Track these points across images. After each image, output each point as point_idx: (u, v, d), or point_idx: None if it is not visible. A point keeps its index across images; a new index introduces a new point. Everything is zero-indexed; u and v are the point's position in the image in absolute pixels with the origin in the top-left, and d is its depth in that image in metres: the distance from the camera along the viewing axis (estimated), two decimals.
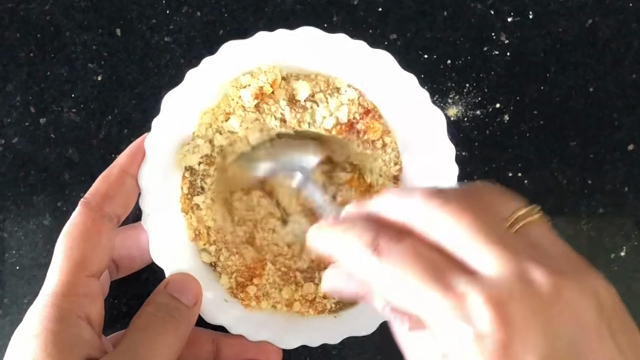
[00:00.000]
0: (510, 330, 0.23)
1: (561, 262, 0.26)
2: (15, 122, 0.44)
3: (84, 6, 0.44)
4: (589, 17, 0.44)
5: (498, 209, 0.27)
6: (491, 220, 0.26)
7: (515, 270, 0.24)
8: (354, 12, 0.44)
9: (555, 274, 0.24)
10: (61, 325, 0.31)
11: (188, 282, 0.35)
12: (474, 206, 0.26)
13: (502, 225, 0.26)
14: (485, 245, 0.25)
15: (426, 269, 0.25)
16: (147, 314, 0.33)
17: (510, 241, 0.25)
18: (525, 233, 0.26)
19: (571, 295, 0.24)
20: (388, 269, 0.25)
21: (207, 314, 0.37)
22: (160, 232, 0.36)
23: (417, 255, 0.25)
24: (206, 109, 0.38)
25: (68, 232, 0.34)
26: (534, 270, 0.24)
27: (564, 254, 0.26)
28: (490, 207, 0.27)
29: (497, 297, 0.24)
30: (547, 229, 0.27)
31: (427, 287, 0.24)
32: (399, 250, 0.25)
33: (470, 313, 0.24)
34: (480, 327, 0.23)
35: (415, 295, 0.25)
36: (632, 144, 0.44)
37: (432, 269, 0.25)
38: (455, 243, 0.25)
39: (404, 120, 0.39)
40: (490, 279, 0.24)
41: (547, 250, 0.26)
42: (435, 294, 0.24)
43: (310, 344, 0.37)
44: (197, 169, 0.38)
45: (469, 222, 0.25)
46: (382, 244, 0.26)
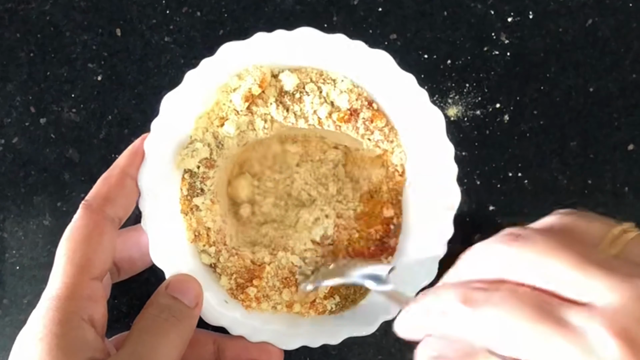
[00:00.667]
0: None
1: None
2: (15, 122, 0.44)
3: (84, 6, 0.44)
4: (589, 17, 0.44)
5: (588, 235, 0.25)
6: (586, 249, 0.24)
7: (631, 293, 0.23)
8: (354, 12, 0.44)
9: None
10: (65, 328, 0.31)
11: (189, 282, 0.35)
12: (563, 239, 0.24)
13: (598, 251, 0.25)
14: (589, 275, 0.23)
15: (533, 307, 0.23)
16: (149, 315, 0.33)
17: (614, 265, 0.24)
18: (626, 254, 0.25)
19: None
20: (490, 317, 0.24)
21: (208, 315, 0.37)
22: (160, 234, 0.36)
23: (519, 297, 0.23)
24: (201, 113, 0.38)
25: (70, 235, 0.34)
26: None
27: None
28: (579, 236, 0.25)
29: (620, 324, 0.22)
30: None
31: (540, 326, 0.23)
32: (498, 295, 0.24)
33: (594, 346, 0.22)
34: (607, 357, 0.22)
35: (527, 338, 0.23)
36: (632, 144, 0.44)
37: (541, 308, 0.23)
38: (556, 280, 0.24)
39: (403, 120, 0.39)
40: (606, 308, 0.23)
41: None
42: (551, 331, 0.23)
43: (310, 344, 0.37)
44: (196, 171, 0.38)
45: (564, 256, 0.24)
46: (475, 295, 0.24)
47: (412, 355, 0.42)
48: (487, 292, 0.24)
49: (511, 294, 0.24)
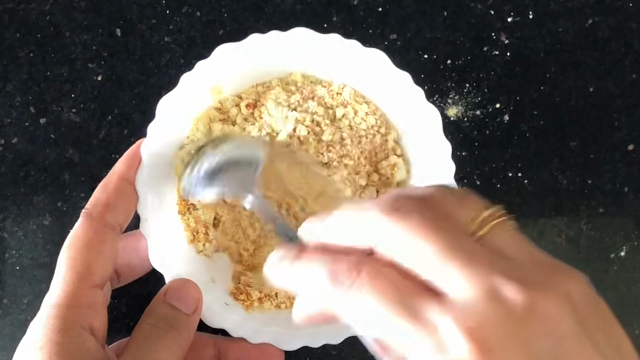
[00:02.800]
0: (489, 357, 0.22)
1: (531, 269, 0.24)
2: (15, 122, 0.44)
3: (84, 6, 0.44)
4: (589, 17, 0.44)
5: (458, 215, 0.25)
6: (455, 232, 0.24)
7: (486, 290, 0.23)
8: (354, 12, 0.44)
9: (526, 286, 0.23)
10: (65, 337, 0.31)
11: (187, 288, 0.35)
12: (434, 218, 0.24)
13: (466, 235, 0.25)
14: (452, 263, 0.23)
15: (392, 298, 0.24)
16: (147, 325, 0.33)
17: (477, 255, 0.24)
18: (491, 239, 0.25)
19: (545, 306, 0.23)
20: (354, 304, 0.24)
21: (208, 318, 0.37)
22: (159, 238, 0.36)
23: (381, 283, 0.24)
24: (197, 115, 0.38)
25: (71, 243, 0.34)
26: (504, 287, 0.23)
27: (532, 258, 0.25)
28: (451, 216, 0.25)
29: (471, 323, 0.22)
30: (512, 232, 0.26)
31: (397, 318, 0.23)
32: (361, 279, 0.24)
33: (445, 342, 0.23)
34: (457, 357, 0.22)
35: (386, 327, 0.24)
36: (632, 144, 0.44)
37: (399, 298, 0.24)
38: (420, 263, 0.24)
39: (400, 118, 0.39)
40: (461, 303, 0.23)
41: (515, 257, 0.25)
42: (406, 324, 0.23)
43: (311, 344, 0.37)
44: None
45: (432, 238, 0.24)
46: (342, 274, 0.25)
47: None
48: (352, 275, 0.24)
49: (374, 279, 0.24)
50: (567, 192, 0.44)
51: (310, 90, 0.39)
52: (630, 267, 0.44)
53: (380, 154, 0.39)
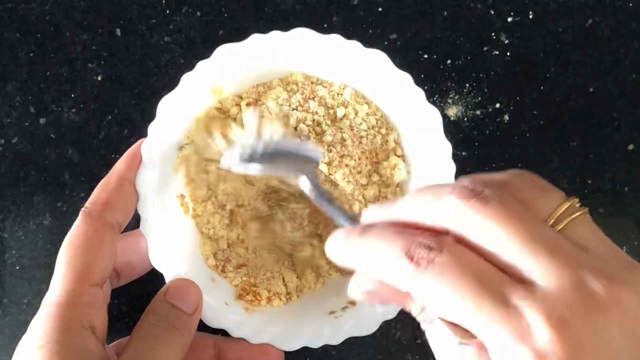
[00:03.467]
0: (574, 350, 0.22)
1: (612, 264, 0.24)
2: (15, 122, 0.44)
3: (84, 6, 0.44)
4: (589, 17, 0.44)
5: (539, 206, 0.25)
6: (537, 223, 0.24)
7: (573, 281, 0.23)
8: (354, 12, 0.44)
9: (611, 281, 0.23)
10: (65, 336, 0.31)
11: (187, 288, 0.35)
12: (515, 207, 0.24)
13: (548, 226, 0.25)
14: (537, 253, 0.23)
15: (476, 280, 0.23)
16: (147, 324, 0.33)
17: (561, 247, 0.24)
18: (571, 232, 0.25)
19: (629, 302, 0.23)
20: (433, 283, 0.23)
21: (208, 318, 0.37)
22: (159, 237, 0.36)
23: (464, 265, 0.23)
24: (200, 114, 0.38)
25: (70, 242, 0.34)
26: (590, 279, 0.23)
27: (613, 254, 0.25)
28: (531, 205, 0.25)
29: (557, 313, 0.22)
30: (591, 224, 0.26)
31: (481, 302, 0.23)
32: (443, 259, 0.23)
33: (529, 330, 0.22)
34: (541, 347, 0.22)
35: (466, 310, 0.23)
36: (632, 144, 0.44)
37: (483, 281, 0.23)
38: (502, 251, 0.24)
39: (400, 118, 0.39)
40: (546, 292, 0.23)
41: (597, 252, 0.25)
42: (491, 310, 0.23)
43: (311, 345, 0.37)
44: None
45: (516, 228, 0.23)
46: (420, 252, 0.24)
47: (411, 355, 0.43)
48: (432, 252, 0.24)
49: (456, 259, 0.23)
50: (567, 192, 0.44)
51: (311, 91, 0.39)
52: None
53: (380, 155, 0.39)
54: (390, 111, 0.39)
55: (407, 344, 0.43)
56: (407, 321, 0.42)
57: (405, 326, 0.43)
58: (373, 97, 0.39)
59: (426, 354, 0.43)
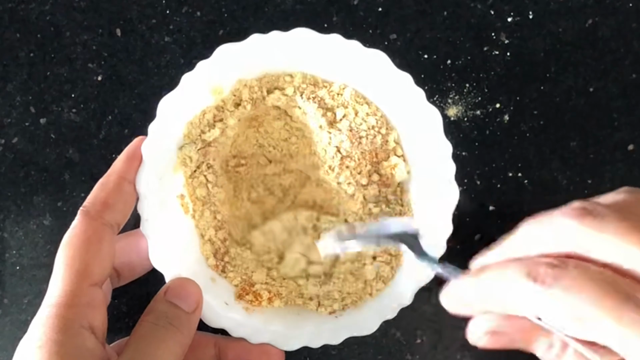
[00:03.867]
0: None
1: None
2: (15, 122, 0.44)
3: (84, 6, 0.44)
4: (589, 17, 0.44)
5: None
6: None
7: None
8: (354, 12, 0.44)
9: None
10: (65, 336, 0.31)
11: (187, 287, 0.35)
12: (633, 218, 0.23)
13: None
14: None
15: (608, 288, 0.22)
16: (147, 323, 0.33)
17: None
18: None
19: None
20: (563, 296, 0.22)
21: (208, 318, 0.37)
22: (159, 237, 0.36)
23: (593, 276, 0.22)
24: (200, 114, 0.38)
25: (69, 242, 0.33)
26: None
27: None
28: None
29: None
30: None
31: (620, 310, 0.22)
32: (570, 273, 0.22)
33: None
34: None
35: (602, 321, 0.22)
36: (632, 144, 0.44)
37: (616, 289, 0.22)
38: (629, 262, 0.23)
39: (400, 119, 0.39)
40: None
41: None
42: (631, 317, 0.21)
43: (311, 345, 0.37)
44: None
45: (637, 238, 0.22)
46: (545, 272, 0.23)
47: (411, 355, 0.43)
48: (557, 269, 0.23)
49: (584, 272, 0.22)
50: (567, 192, 0.44)
51: (311, 91, 0.39)
52: None
53: (380, 155, 0.39)
54: (390, 111, 0.39)
55: (407, 344, 0.43)
56: (407, 321, 0.43)
57: (405, 326, 0.43)
58: (373, 97, 0.39)
59: (426, 354, 0.43)
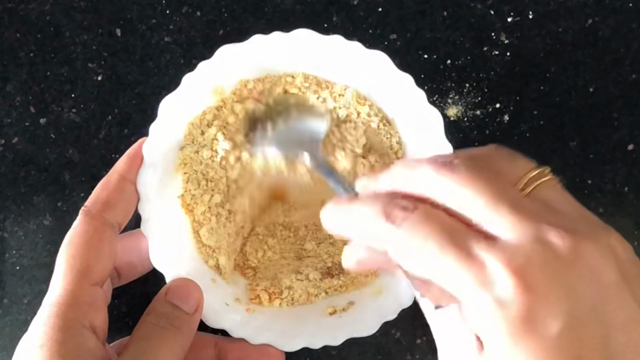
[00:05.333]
0: (532, 296, 0.23)
1: (577, 222, 0.25)
2: (15, 122, 0.44)
3: (84, 6, 0.44)
4: (589, 17, 0.44)
5: (508, 172, 0.27)
6: (503, 185, 0.26)
7: (533, 234, 0.24)
8: (354, 12, 0.44)
9: (572, 234, 0.24)
10: (66, 335, 0.31)
11: (188, 288, 0.35)
12: (484, 172, 0.26)
13: (515, 189, 0.26)
14: (500, 210, 0.24)
15: (443, 234, 0.24)
16: (148, 324, 0.33)
17: (524, 205, 0.25)
18: (538, 195, 0.26)
19: (590, 254, 0.24)
20: (405, 236, 0.25)
21: (209, 318, 0.37)
22: (160, 237, 0.36)
23: (433, 221, 0.25)
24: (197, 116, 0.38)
25: (70, 242, 0.34)
26: (551, 233, 0.24)
27: (578, 213, 0.26)
28: (500, 172, 0.26)
29: (517, 262, 0.23)
30: (559, 189, 0.27)
31: (446, 253, 0.24)
32: (414, 217, 0.25)
33: (491, 279, 0.24)
34: (501, 294, 0.23)
35: (435, 262, 0.24)
36: (632, 144, 0.44)
37: (450, 234, 0.24)
38: (469, 210, 0.25)
39: (402, 120, 0.39)
40: (508, 244, 0.24)
41: (562, 210, 0.26)
42: (455, 259, 0.24)
43: (311, 345, 0.37)
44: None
45: (481, 189, 0.25)
46: (395, 212, 0.25)
47: (411, 355, 0.43)
48: (406, 212, 0.25)
49: (426, 217, 0.25)
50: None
51: (313, 91, 0.39)
52: None
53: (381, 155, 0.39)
54: (391, 112, 0.39)
55: (407, 344, 0.43)
56: (407, 321, 0.43)
57: (405, 326, 0.43)
58: (374, 98, 0.39)
59: (426, 354, 0.43)
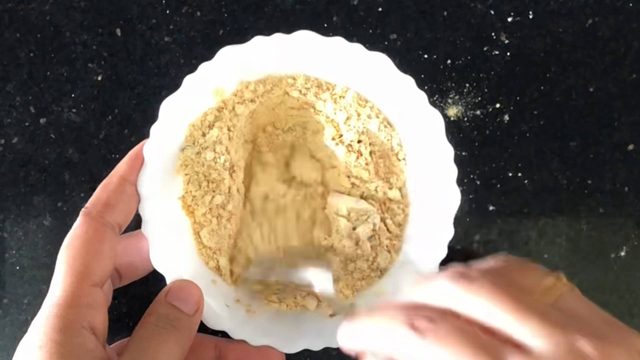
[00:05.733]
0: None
1: (603, 328, 0.26)
2: (15, 122, 0.44)
3: (84, 6, 0.44)
4: (589, 17, 0.44)
5: (526, 283, 0.27)
6: (525, 294, 0.26)
7: (565, 343, 0.24)
8: (354, 12, 0.44)
9: (601, 341, 0.24)
10: (65, 336, 0.31)
11: (188, 289, 0.35)
12: (503, 283, 0.26)
13: (537, 299, 0.26)
14: (527, 320, 0.24)
15: (476, 345, 0.24)
16: (148, 324, 0.33)
17: (552, 314, 0.25)
18: (562, 304, 0.26)
19: (619, 358, 0.24)
20: (435, 349, 0.24)
21: (209, 320, 0.37)
22: (160, 239, 0.36)
23: (463, 333, 0.24)
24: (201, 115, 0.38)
25: (70, 243, 0.33)
26: (581, 341, 0.24)
27: (602, 319, 0.27)
28: (518, 282, 0.27)
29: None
30: (579, 295, 0.27)
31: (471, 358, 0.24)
32: (443, 328, 0.25)
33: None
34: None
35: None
36: (632, 144, 0.44)
37: (482, 345, 0.24)
38: (496, 321, 0.25)
39: (402, 122, 0.39)
40: (543, 355, 0.24)
41: (586, 317, 0.26)
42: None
43: (312, 347, 0.37)
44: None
45: (504, 299, 0.25)
46: (423, 324, 0.25)
47: None
48: (434, 323, 0.25)
49: (454, 327, 0.25)
50: (567, 192, 0.44)
51: (314, 93, 0.39)
52: (630, 267, 0.44)
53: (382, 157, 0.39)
54: (392, 114, 0.39)
55: None
56: None
57: None
58: (375, 99, 0.39)
59: None
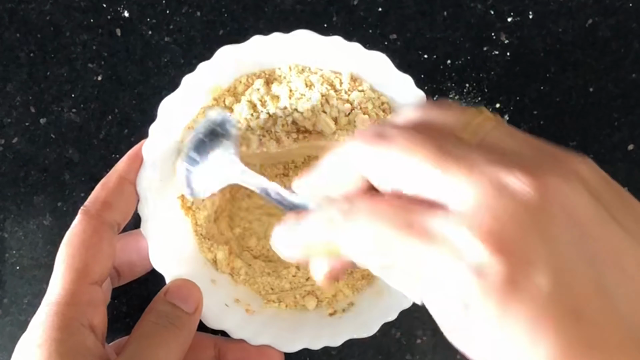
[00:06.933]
0: (508, 257, 0.20)
1: (536, 158, 0.23)
2: (15, 122, 0.44)
3: (84, 6, 0.44)
4: (589, 17, 0.44)
5: (450, 127, 0.24)
6: (442, 139, 0.23)
7: (491, 186, 0.21)
8: (354, 12, 0.44)
9: (531, 173, 0.21)
10: (64, 334, 0.31)
11: (188, 288, 0.35)
12: (418, 134, 0.23)
13: (460, 143, 0.23)
14: (445, 168, 0.22)
15: (391, 217, 0.22)
16: (148, 322, 0.33)
17: (471, 154, 0.22)
18: (487, 141, 0.23)
19: (557, 191, 0.21)
20: (352, 232, 0.23)
21: (208, 319, 0.37)
22: (160, 238, 0.36)
23: (376, 207, 0.23)
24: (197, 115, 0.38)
25: (69, 241, 0.34)
26: (508, 178, 0.21)
27: (535, 148, 0.24)
28: (441, 129, 0.24)
29: (484, 225, 0.21)
30: (507, 128, 0.24)
31: (403, 242, 0.22)
32: (354, 207, 0.23)
33: (461, 251, 0.21)
34: (476, 263, 0.20)
35: (390, 249, 0.22)
36: (632, 144, 0.44)
37: (399, 216, 0.22)
38: (414, 182, 0.23)
39: None
40: (469, 207, 0.21)
41: (516, 150, 0.23)
42: (412, 241, 0.22)
43: (311, 346, 0.37)
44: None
45: (423, 153, 0.22)
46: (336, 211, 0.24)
47: (411, 355, 0.43)
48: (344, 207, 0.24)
49: (369, 204, 0.23)
50: None
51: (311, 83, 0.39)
52: None
53: None
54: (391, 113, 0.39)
55: (407, 344, 0.43)
56: (407, 321, 0.43)
57: (405, 326, 0.43)
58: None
59: (426, 354, 0.43)
